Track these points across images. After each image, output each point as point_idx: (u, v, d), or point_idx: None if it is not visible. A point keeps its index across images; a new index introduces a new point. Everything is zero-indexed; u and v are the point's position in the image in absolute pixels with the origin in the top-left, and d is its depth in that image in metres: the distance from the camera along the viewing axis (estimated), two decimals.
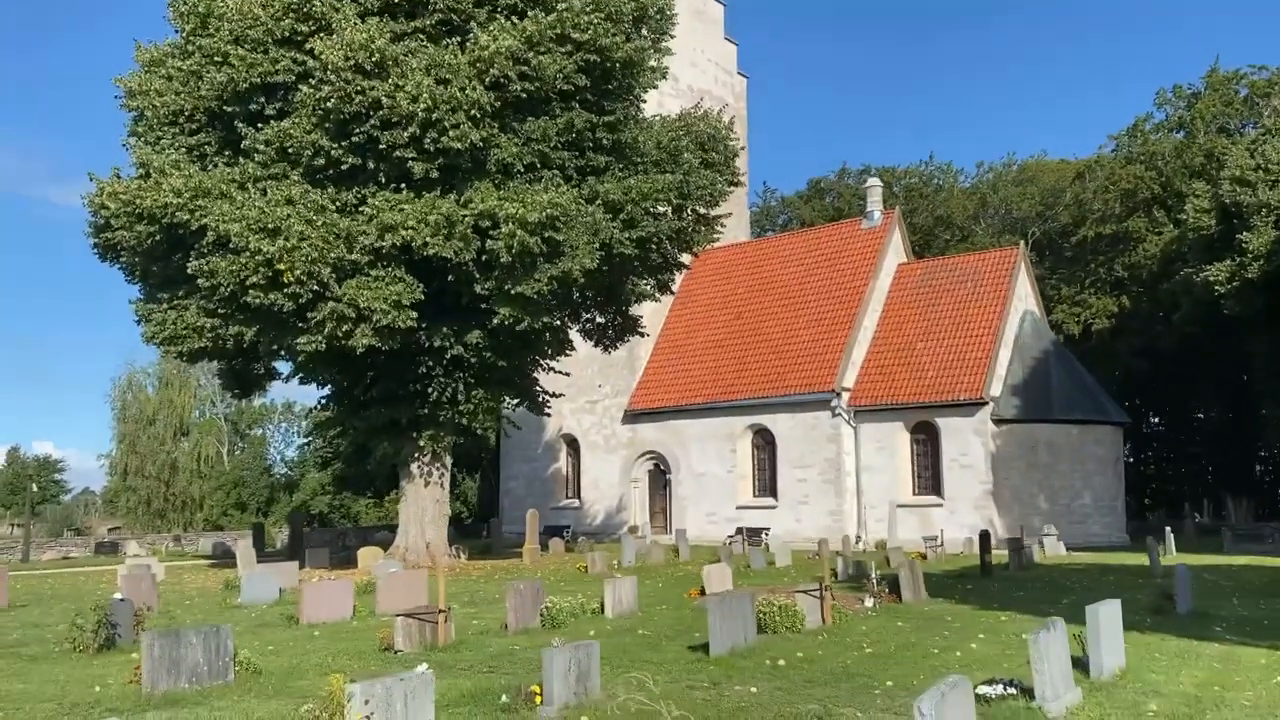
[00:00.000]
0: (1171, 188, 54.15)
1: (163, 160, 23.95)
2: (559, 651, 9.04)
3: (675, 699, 9.45)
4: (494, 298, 25.10)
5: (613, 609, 15.93)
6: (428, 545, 28.32)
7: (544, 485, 50.08)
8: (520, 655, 12.24)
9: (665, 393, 46.28)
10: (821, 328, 43.19)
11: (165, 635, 10.08)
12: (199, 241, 23.90)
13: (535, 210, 23.28)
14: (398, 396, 27.20)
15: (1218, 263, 42.40)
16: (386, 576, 17.27)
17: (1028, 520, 38.43)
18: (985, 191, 71.03)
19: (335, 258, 23.25)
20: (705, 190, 29.23)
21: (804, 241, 48.15)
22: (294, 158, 24.10)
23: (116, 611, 13.16)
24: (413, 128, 23.36)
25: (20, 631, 15.55)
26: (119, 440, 54.08)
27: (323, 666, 11.66)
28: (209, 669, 10.33)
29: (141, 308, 25.93)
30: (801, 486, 41.78)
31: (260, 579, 19.60)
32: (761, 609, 13.47)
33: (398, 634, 12.45)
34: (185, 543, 43.15)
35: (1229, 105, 54.90)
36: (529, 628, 14.40)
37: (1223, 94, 55.40)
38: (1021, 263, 42.44)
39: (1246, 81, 55.20)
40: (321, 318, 23.30)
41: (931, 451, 40.31)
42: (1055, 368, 40.15)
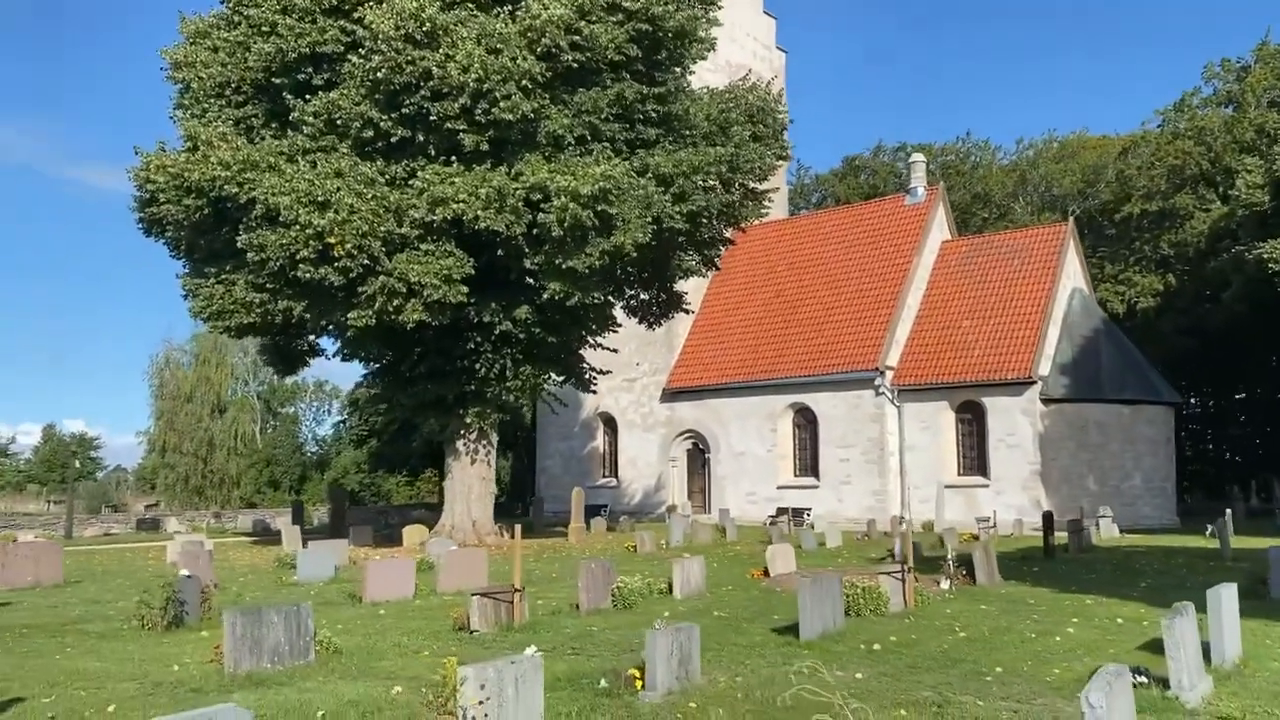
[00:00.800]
0: (1220, 164, 52.98)
1: (210, 133, 23.60)
2: (661, 634, 8.64)
3: (775, 684, 9.04)
4: (543, 272, 24.71)
5: (681, 590, 15.54)
6: (474, 523, 28.05)
7: (580, 464, 49.78)
8: (600, 636, 11.87)
9: (704, 371, 45.81)
10: (864, 305, 42.53)
11: (247, 614, 9.75)
12: (247, 215, 23.59)
13: (588, 183, 22.81)
14: (445, 373, 26.87)
15: (1272, 239, 41.45)
16: (447, 555, 16.95)
17: (1076, 501, 37.72)
18: (1025, 168, 69.97)
19: (385, 231, 22.88)
20: (754, 163, 28.69)
21: (845, 218, 47.43)
22: (342, 130, 23.71)
23: (184, 589, 12.87)
24: (463, 98, 22.93)
25: (82, 608, 15.33)
26: (157, 417, 54.24)
27: (401, 646, 11.33)
28: (290, 648, 10.00)
29: (188, 282, 25.67)
30: (844, 466, 41.24)
31: (315, 556, 19.34)
32: (846, 591, 13.03)
33: (473, 613, 12.09)
34: (224, 520, 43.10)
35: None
36: (600, 608, 14.03)
37: (1274, 67, 54.05)
38: (1070, 239, 41.58)
39: None
40: (372, 292, 22.96)
41: (977, 431, 39.66)
42: (1105, 346, 39.35)
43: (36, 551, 18.83)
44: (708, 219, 27.68)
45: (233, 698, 8.68)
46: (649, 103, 26.01)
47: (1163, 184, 55.75)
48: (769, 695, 8.59)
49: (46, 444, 77.29)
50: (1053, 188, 67.05)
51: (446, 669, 6.90)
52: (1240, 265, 45.84)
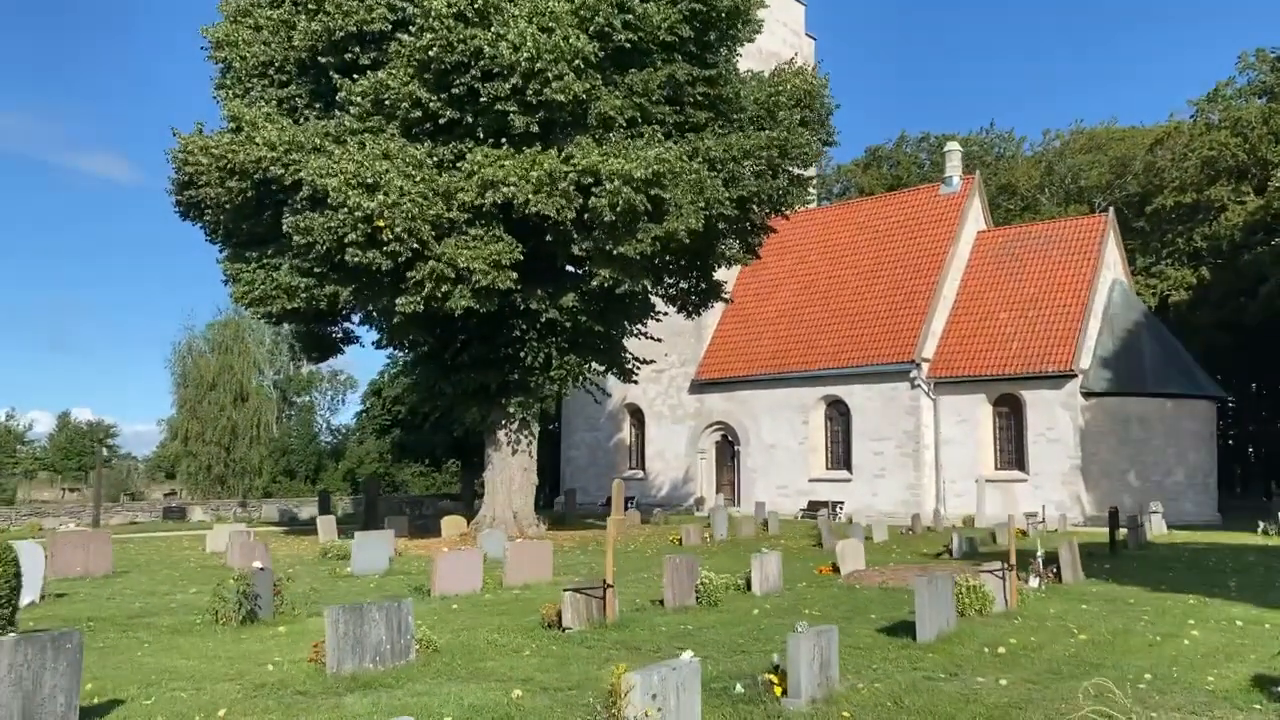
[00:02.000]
0: (1256, 155, 52.20)
1: (254, 113, 23.00)
2: (804, 637, 8.05)
3: (922, 691, 8.46)
4: (592, 259, 24.09)
5: (760, 586, 14.97)
6: (515, 514, 27.50)
7: (607, 455, 49.25)
8: (700, 636, 11.29)
9: (734, 362, 45.21)
10: (899, 296, 41.89)
11: (350, 611, 9.18)
12: (292, 198, 23.02)
13: (641, 166, 22.19)
14: (488, 361, 26.30)
15: None
16: (512, 548, 16.39)
17: (1116, 497, 37.11)
18: (1051, 159, 69.23)
19: (434, 215, 22.28)
20: (802, 149, 28.03)
21: (878, 207, 46.76)
22: (390, 110, 23.09)
23: (258, 582, 12.31)
24: (514, 78, 22.30)
25: (140, 600, 14.78)
26: (180, 405, 53.60)
27: (496, 644, 10.76)
28: (391, 647, 9.44)
29: (229, 267, 25.08)
30: (878, 460, 40.65)
31: (370, 548, 18.77)
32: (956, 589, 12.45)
33: (566, 609, 11.52)
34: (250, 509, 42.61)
35: None
36: (686, 605, 13.45)
37: None
38: (1110, 230, 40.92)
39: None
40: (420, 278, 22.36)
41: (1015, 425, 39.06)
42: (1147, 339, 38.70)
43: (86, 541, 18.28)
44: (758, 205, 27.03)
45: (345, 702, 8.14)
46: (698, 85, 25.42)
47: (1196, 175, 54.97)
48: (923, 704, 8.01)
49: (61, 431, 76.84)
50: (1080, 179, 66.31)
51: (615, 676, 6.31)
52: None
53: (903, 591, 15.28)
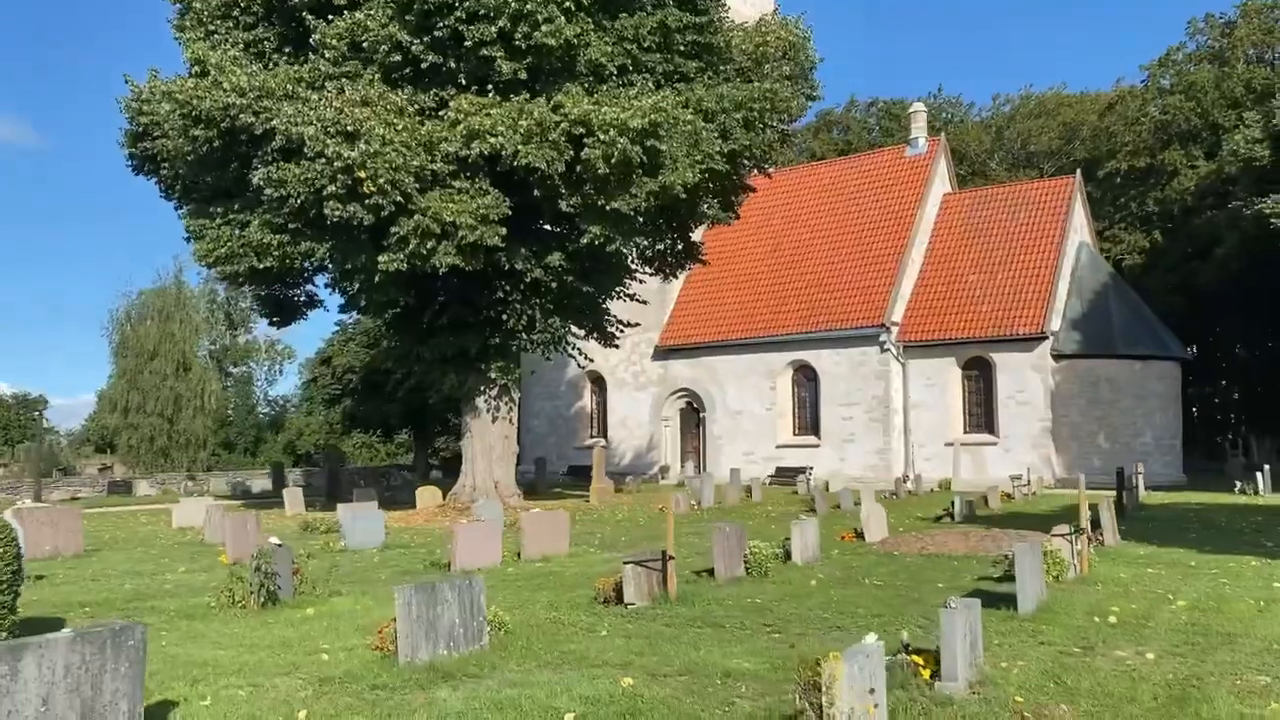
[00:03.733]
0: (1208, 119, 52.63)
1: (221, 56, 21.30)
2: (959, 613, 7.17)
3: (1076, 670, 7.66)
4: (582, 215, 22.91)
5: (800, 555, 14.11)
6: (496, 484, 26.34)
7: (567, 424, 48.15)
8: (775, 610, 10.39)
9: (699, 328, 44.35)
10: (867, 260, 41.34)
11: (422, 591, 8.07)
12: (263, 148, 21.43)
13: (637, 116, 21.05)
14: (467, 324, 25.00)
15: (1274, 194, 41.00)
16: (530, 518, 15.32)
17: (1087, 459, 37.19)
18: (1001, 125, 69.33)
19: (417, 166, 20.89)
20: (788, 103, 27.07)
21: (843, 170, 46.11)
22: (368, 54, 21.60)
23: (277, 561, 11.10)
24: (502, 20, 20.97)
25: (131, 582, 13.43)
26: (119, 376, 51.01)
27: (565, 624, 9.74)
28: (465, 631, 8.36)
29: (192, 223, 23.36)
30: (847, 425, 40.19)
31: (365, 521, 17.55)
32: None
33: (629, 584, 10.52)
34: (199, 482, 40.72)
35: (1269, 34, 53.28)
36: (737, 576, 12.54)
37: (1260, 23, 53.76)
38: (1078, 193, 40.77)
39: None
40: (404, 233, 20.98)
41: (984, 388, 38.86)
42: (1115, 301, 38.71)
43: (55, 519, 16.75)
44: (749, 160, 26.05)
45: (437, 696, 7.06)
46: (688, 33, 24.31)
47: (1150, 139, 55.33)
48: (1090, 686, 7.20)
49: None
50: (1030, 145, 66.49)
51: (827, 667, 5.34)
52: (1236, 221, 45.48)
53: (948, 558, 14.59)
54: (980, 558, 14.42)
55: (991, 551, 14.72)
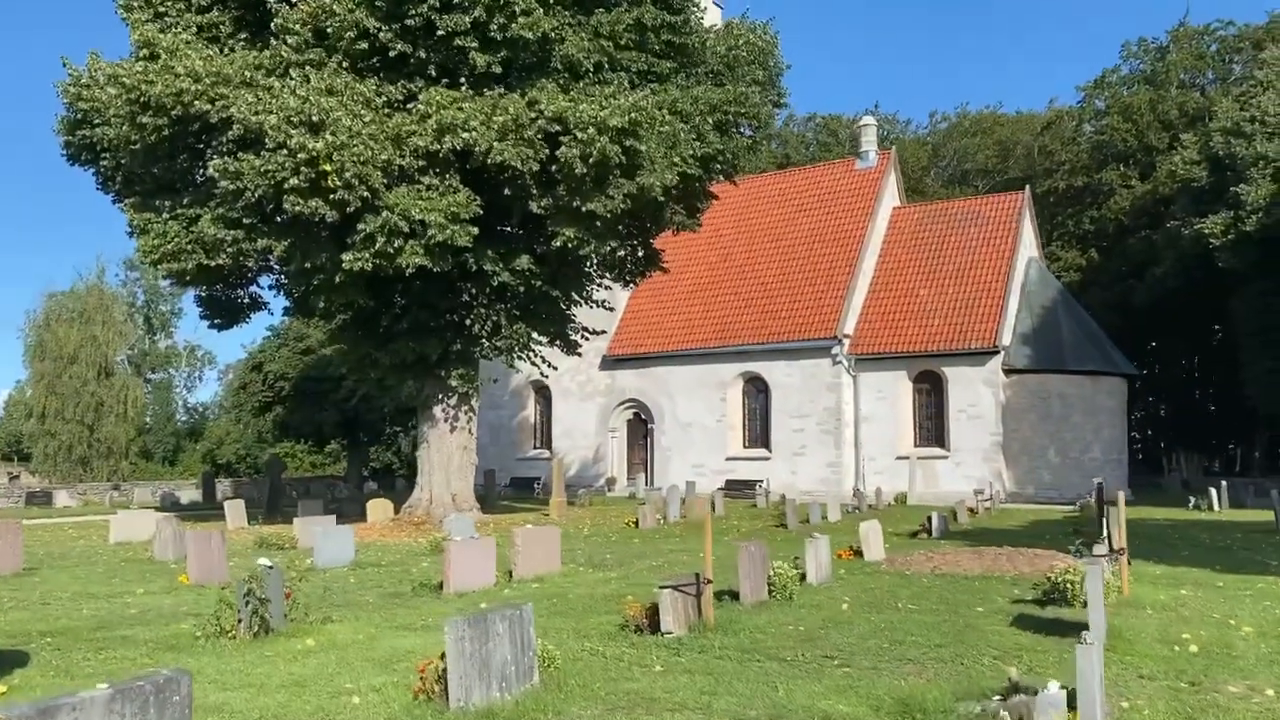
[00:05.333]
0: (1143, 140, 53.70)
1: (173, 40, 19.90)
2: (1094, 649, 6.45)
3: (1205, 711, 6.99)
4: (554, 217, 21.96)
5: (815, 576, 13.35)
6: (453, 497, 25.18)
7: (510, 435, 46.89)
8: (827, 640, 9.59)
9: (647, 337, 43.58)
10: (818, 272, 41.04)
11: (474, 625, 7.07)
12: (217, 138, 20.10)
13: (617, 114, 20.21)
14: (428, 329, 23.83)
15: (1213, 215, 41.84)
16: (524, 535, 14.29)
17: (1036, 474, 37.34)
18: (938, 142, 70.06)
19: (385, 161, 19.75)
20: (758, 109, 26.48)
21: (793, 181, 45.85)
22: (333, 41, 20.38)
23: (269, 585, 9.94)
24: (477, 10, 19.98)
25: (87, 606, 12.08)
26: (35, 380, 48.24)
27: (604, 657, 8.80)
28: (516, 668, 7.38)
29: (136, 217, 21.75)
30: (798, 437, 39.76)
31: (334, 538, 16.32)
32: (1069, 578, 11.12)
33: (665, 611, 9.61)
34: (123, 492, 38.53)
35: (1200, 59, 54.63)
36: (763, 600, 11.71)
37: (1193, 48, 55.13)
38: (1026, 209, 41.03)
39: (1215, 37, 55.02)
40: (371, 231, 19.79)
41: (936, 402, 38.75)
42: (1065, 317, 38.98)
43: None
44: (722, 164, 25.37)
45: None
46: (663, 32, 23.58)
47: (1087, 160, 56.27)
48: None
49: None
50: (966, 162, 67.27)
51: None
52: (1174, 240, 46.33)
53: (966, 579, 13.96)
54: (998, 577, 13.85)
55: (1008, 571, 14.16)
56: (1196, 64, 54.84)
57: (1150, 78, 56.47)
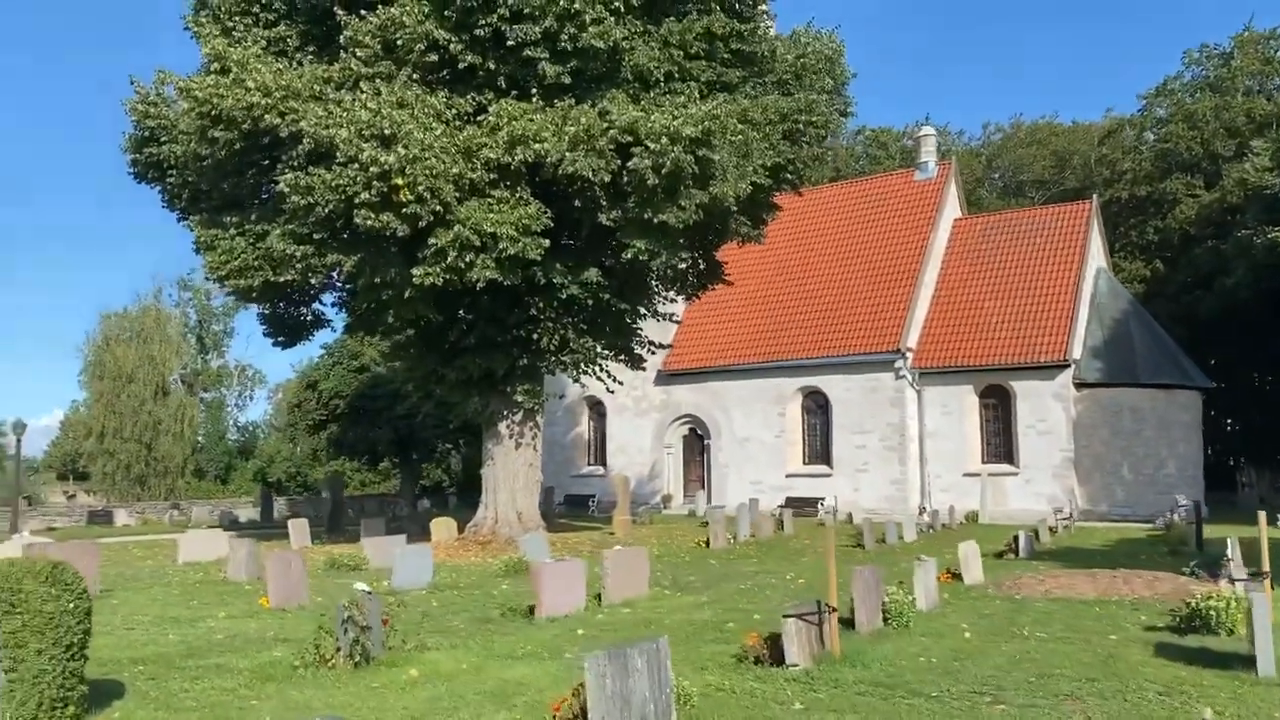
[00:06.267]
0: (1209, 149, 52.37)
1: (243, 54, 19.68)
2: None
3: None
4: (624, 229, 21.47)
5: (925, 601, 12.66)
6: (519, 515, 24.69)
7: (563, 451, 46.40)
8: (963, 672, 8.93)
9: (703, 352, 42.97)
10: (879, 284, 40.24)
11: (613, 658, 6.52)
12: (287, 152, 19.83)
13: (690, 123, 19.69)
14: (495, 344, 23.41)
15: None
16: (612, 557, 13.74)
17: (1110, 491, 36.21)
18: (991, 153, 68.98)
19: (456, 174, 19.38)
20: (826, 118, 25.90)
21: (851, 193, 45.15)
22: (402, 54, 20.07)
23: (367, 611, 9.47)
24: (547, 20, 19.57)
25: (173, 631, 11.68)
26: (94, 400, 48.57)
27: (739, 693, 8.20)
28: (655, 707, 6.82)
29: (204, 234, 21.56)
30: (860, 454, 38.90)
31: (413, 558, 15.87)
32: (1212, 605, 10.37)
33: (790, 641, 9.01)
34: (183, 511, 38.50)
35: (1268, 64, 53.27)
36: (878, 628, 11.07)
37: (1260, 53, 53.77)
38: (1094, 218, 40.01)
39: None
40: (443, 245, 19.41)
41: (1003, 417, 37.76)
42: (1136, 328, 37.89)
43: (70, 554, 14.87)
44: (791, 175, 24.80)
45: None
46: (733, 40, 23.06)
47: (1149, 168, 55.02)
48: None
49: None
50: (1021, 173, 66.14)
51: None
52: (1245, 249, 44.95)
53: (1082, 603, 13.21)
54: (1117, 602, 13.10)
55: (1126, 595, 13.40)
56: (1264, 69, 53.45)
57: (1214, 84, 55.13)
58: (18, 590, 6.72)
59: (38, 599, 6.78)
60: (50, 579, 6.89)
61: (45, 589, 6.83)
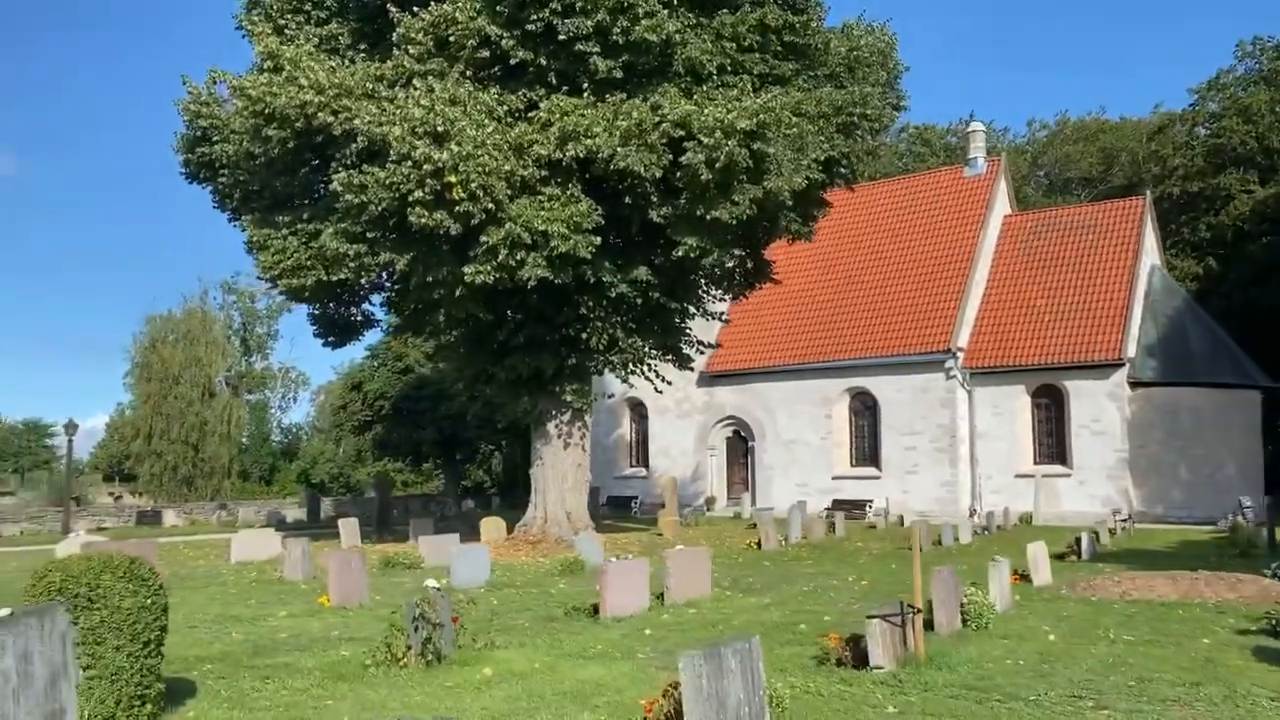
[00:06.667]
0: (1263, 143, 51.23)
1: (296, 52, 19.64)
2: None
3: None
4: (675, 225, 21.22)
5: (1001, 603, 12.27)
6: (568, 515, 24.49)
7: (604, 453, 46.12)
8: (1056, 675, 8.58)
9: (747, 352, 42.57)
10: (928, 282, 39.66)
11: (709, 659, 6.26)
12: (340, 150, 19.77)
13: (744, 117, 19.41)
14: (544, 343, 23.23)
15: None
16: (674, 556, 13.49)
17: (1167, 493, 35.41)
18: (1037, 150, 68.03)
19: (508, 171, 19.21)
20: (879, 112, 25.49)
21: (898, 190, 44.56)
22: (454, 50, 19.95)
23: (437, 608, 9.27)
24: (599, 14, 19.36)
25: (236, 629, 11.57)
26: (141, 401, 49.03)
27: (827, 696, 7.90)
28: (749, 710, 6.54)
29: (256, 233, 21.57)
30: (910, 455, 38.34)
31: (471, 557, 15.71)
32: None
33: (875, 643, 8.70)
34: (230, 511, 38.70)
35: None
36: (958, 629, 10.71)
37: None
38: (1148, 214, 39.22)
39: None
40: (494, 243, 19.25)
41: (1055, 417, 37.06)
42: (1192, 326, 37.09)
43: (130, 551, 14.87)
44: (844, 169, 24.43)
45: None
46: (785, 33, 22.73)
47: (1201, 164, 53.92)
48: None
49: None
50: (1069, 170, 65.18)
51: None
52: None
53: (1162, 605, 12.78)
54: (1200, 604, 12.66)
55: (1209, 597, 12.94)
56: None
57: (1269, 77, 53.91)
58: (96, 585, 6.57)
59: (116, 594, 6.64)
60: (128, 574, 6.75)
61: (124, 584, 6.68)
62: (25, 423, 66.73)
